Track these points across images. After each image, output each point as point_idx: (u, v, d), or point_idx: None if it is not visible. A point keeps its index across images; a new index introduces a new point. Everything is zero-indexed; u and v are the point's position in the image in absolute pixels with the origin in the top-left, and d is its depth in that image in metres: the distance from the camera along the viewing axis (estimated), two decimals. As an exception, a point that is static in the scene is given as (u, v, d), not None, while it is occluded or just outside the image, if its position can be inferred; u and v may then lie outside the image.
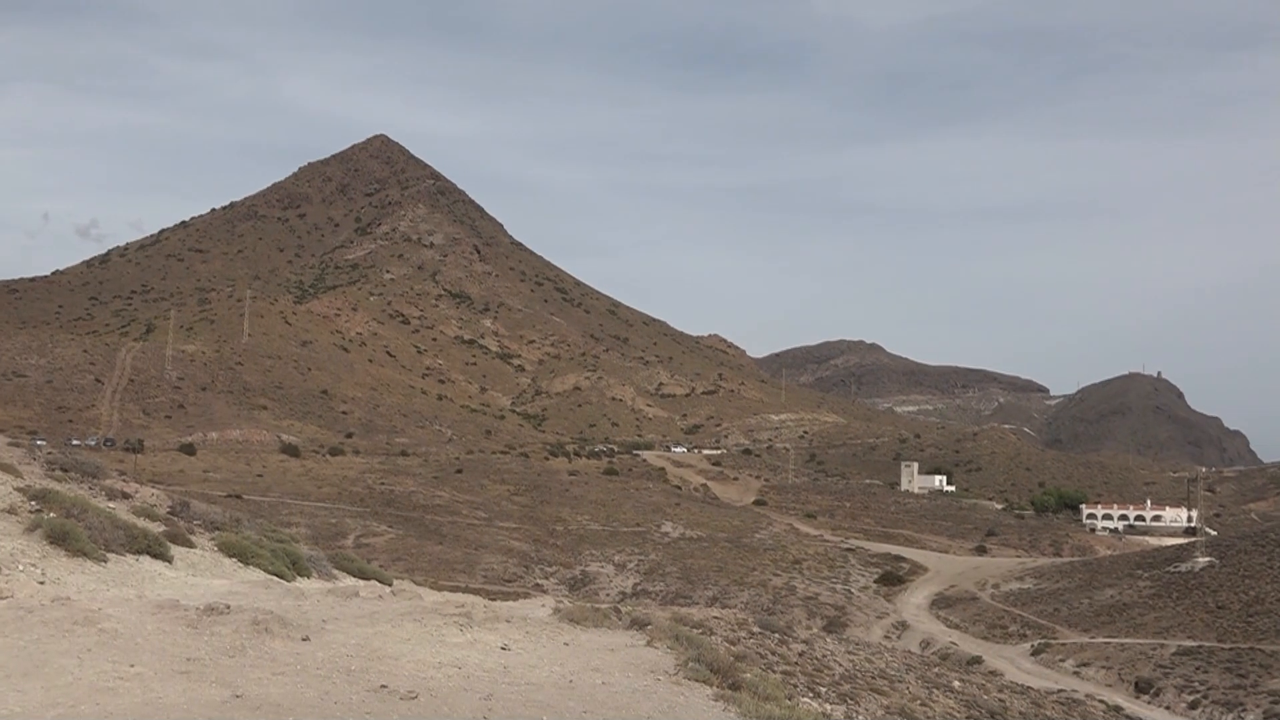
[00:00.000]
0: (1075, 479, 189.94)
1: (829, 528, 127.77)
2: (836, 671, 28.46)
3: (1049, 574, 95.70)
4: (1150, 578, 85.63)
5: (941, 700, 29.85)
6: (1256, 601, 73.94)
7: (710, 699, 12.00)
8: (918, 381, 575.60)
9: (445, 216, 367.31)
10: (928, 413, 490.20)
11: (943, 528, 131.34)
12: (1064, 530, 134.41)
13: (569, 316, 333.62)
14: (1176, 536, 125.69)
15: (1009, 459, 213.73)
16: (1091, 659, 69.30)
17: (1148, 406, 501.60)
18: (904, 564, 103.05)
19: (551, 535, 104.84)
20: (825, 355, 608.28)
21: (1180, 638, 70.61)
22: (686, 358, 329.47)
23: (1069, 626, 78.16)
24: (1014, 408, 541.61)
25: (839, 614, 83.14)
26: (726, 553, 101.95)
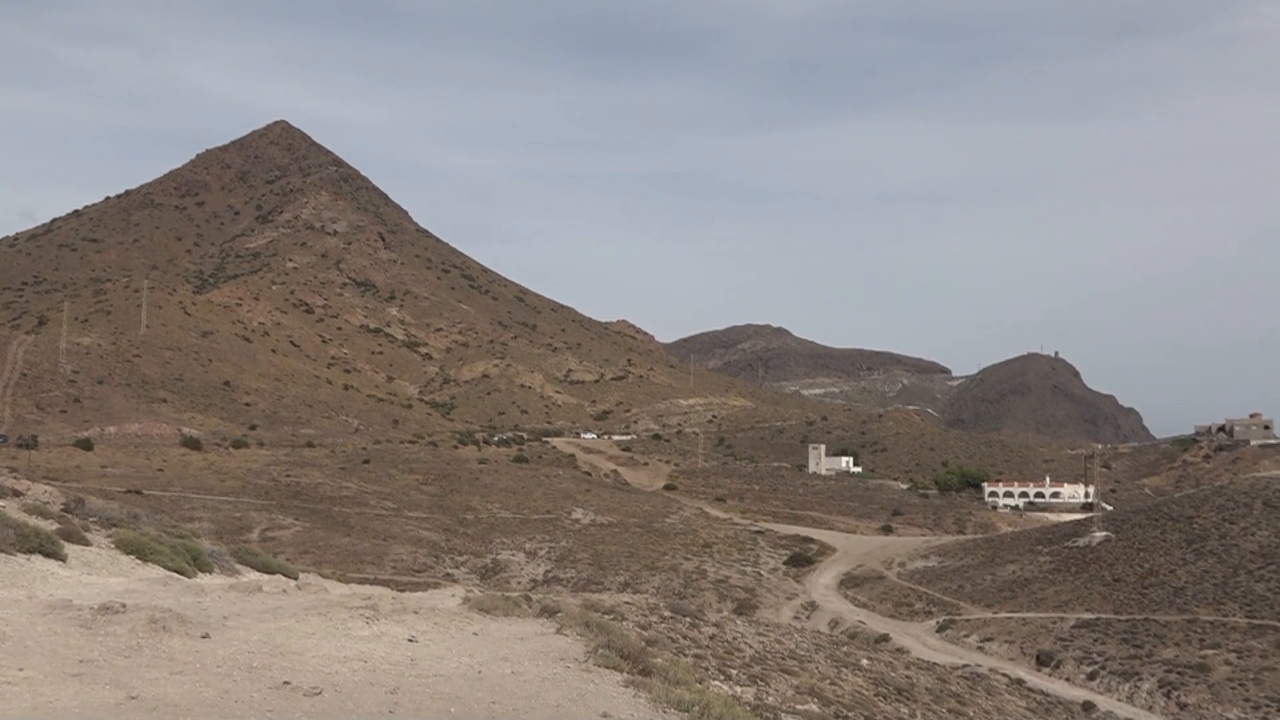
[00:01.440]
0: (977, 458, 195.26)
1: (738, 511, 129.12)
2: (747, 653, 28.69)
3: (953, 552, 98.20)
4: (1050, 553, 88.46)
5: (850, 679, 30.35)
6: (1150, 574, 76.97)
7: (620, 685, 11.91)
8: (824, 365, 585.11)
9: (349, 204, 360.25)
10: (834, 395, 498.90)
11: (850, 508, 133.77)
12: (967, 508, 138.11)
13: (477, 304, 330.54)
14: (1074, 512, 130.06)
15: (913, 439, 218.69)
16: (995, 634, 71.34)
17: (1046, 386, 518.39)
18: (812, 545, 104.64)
19: (462, 524, 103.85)
20: (733, 340, 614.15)
21: (1079, 611, 73.11)
22: (595, 344, 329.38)
23: (973, 603, 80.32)
24: (918, 389, 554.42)
25: (749, 596, 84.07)
26: (637, 538, 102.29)
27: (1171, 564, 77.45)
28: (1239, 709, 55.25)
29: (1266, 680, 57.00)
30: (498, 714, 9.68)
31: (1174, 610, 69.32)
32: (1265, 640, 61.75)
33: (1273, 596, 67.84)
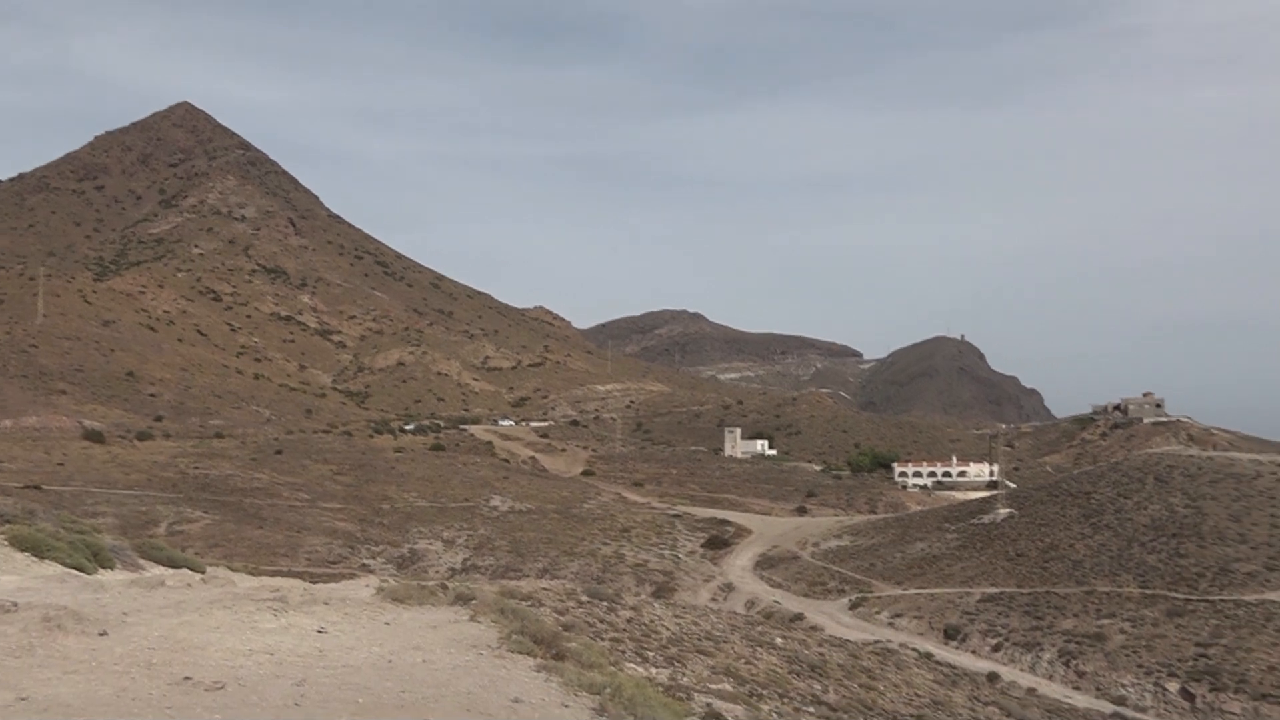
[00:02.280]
0: (888, 439, 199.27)
1: (656, 495, 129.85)
2: (664, 635, 28.98)
3: (865, 531, 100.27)
4: (957, 530, 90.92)
5: (765, 657, 30.87)
6: (1051, 548, 79.65)
7: (533, 670, 11.97)
8: (739, 349, 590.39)
9: (257, 188, 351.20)
10: (749, 379, 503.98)
11: (765, 490, 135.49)
12: (878, 488, 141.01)
13: (391, 291, 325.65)
14: (980, 490, 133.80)
15: (826, 422, 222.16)
16: (905, 609, 73.12)
17: (953, 368, 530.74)
18: (729, 527, 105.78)
19: (378, 514, 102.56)
20: (650, 325, 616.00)
21: (984, 585, 75.35)
22: (512, 331, 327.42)
23: (884, 580, 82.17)
24: (831, 372, 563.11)
25: (667, 579, 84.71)
26: (556, 524, 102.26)
27: (1071, 538, 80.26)
28: (1133, 675, 57.66)
29: (1158, 647, 59.56)
30: (407, 703, 9.65)
31: (1073, 582, 71.92)
32: (1157, 609, 64.48)
33: (1163, 567, 70.84)
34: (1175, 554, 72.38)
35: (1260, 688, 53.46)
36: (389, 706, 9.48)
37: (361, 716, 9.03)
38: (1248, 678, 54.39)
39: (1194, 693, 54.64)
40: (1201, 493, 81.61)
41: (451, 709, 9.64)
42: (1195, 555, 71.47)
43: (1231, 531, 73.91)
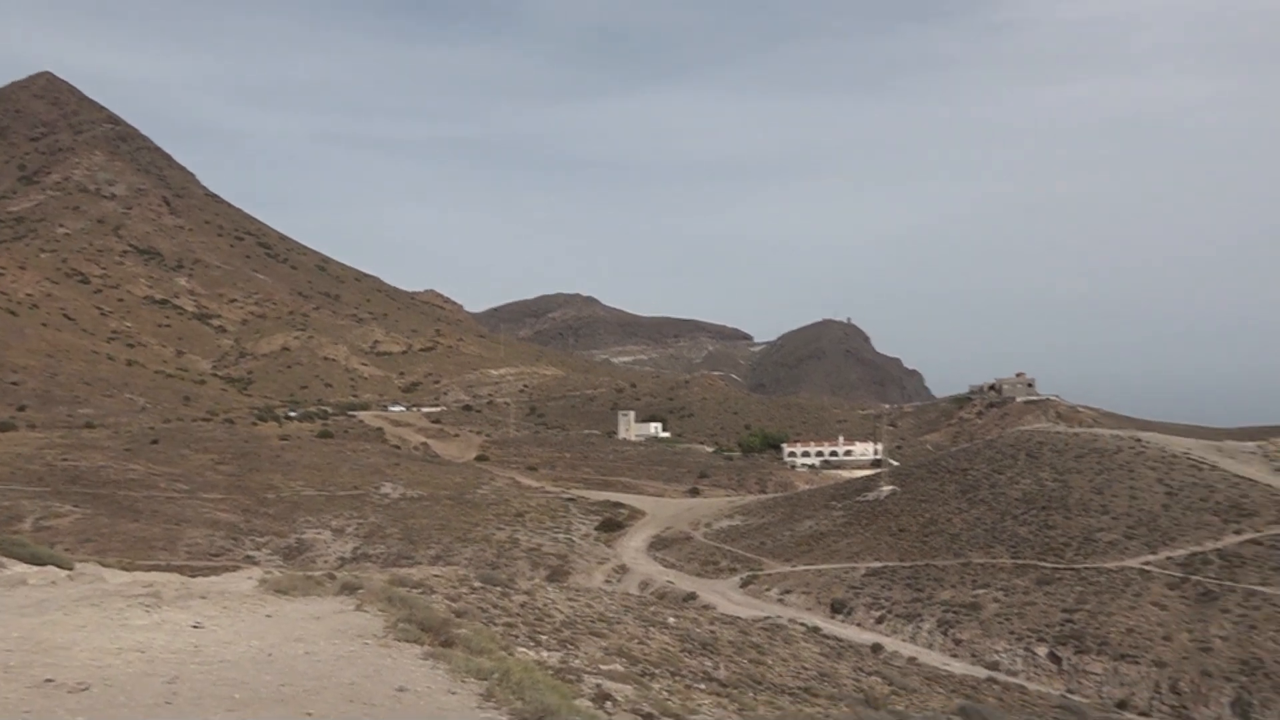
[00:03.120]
0: (777, 420, 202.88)
1: (550, 479, 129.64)
2: (558, 619, 29.06)
3: (755, 510, 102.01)
4: (843, 508, 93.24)
5: (658, 637, 31.22)
6: (931, 523, 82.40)
7: (419, 658, 11.87)
8: (632, 333, 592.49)
9: (127, 165, 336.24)
10: (642, 362, 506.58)
11: (659, 472, 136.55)
12: (768, 469, 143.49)
13: (274, 273, 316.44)
14: (865, 469, 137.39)
15: (718, 404, 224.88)
16: (794, 586, 74.74)
17: (840, 350, 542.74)
18: (623, 510, 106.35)
19: (263, 504, 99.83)
20: (543, 309, 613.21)
21: (869, 560, 77.52)
22: (402, 314, 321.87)
23: (774, 557, 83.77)
24: (722, 355, 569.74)
25: (562, 563, 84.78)
26: (449, 510, 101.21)
27: (949, 513, 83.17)
28: (1005, 641, 60.22)
29: (1028, 614, 62.31)
30: (287, 696, 9.46)
31: (951, 555, 74.60)
32: (1027, 578, 67.42)
33: (1034, 538, 74.05)
34: (1044, 526, 75.69)
35: (1119, 648, 56.46)
36: (267, 701, 9.28)
37: (238, 712, 8.81)
38: (1109, 640, 57.35)
39: (1061, 656, 57.38)
40: (1068, 467, 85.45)
41: (333, 701, 9.49)
42: (1062, 526, 74.88)
43: (1095, 503, 77.64)
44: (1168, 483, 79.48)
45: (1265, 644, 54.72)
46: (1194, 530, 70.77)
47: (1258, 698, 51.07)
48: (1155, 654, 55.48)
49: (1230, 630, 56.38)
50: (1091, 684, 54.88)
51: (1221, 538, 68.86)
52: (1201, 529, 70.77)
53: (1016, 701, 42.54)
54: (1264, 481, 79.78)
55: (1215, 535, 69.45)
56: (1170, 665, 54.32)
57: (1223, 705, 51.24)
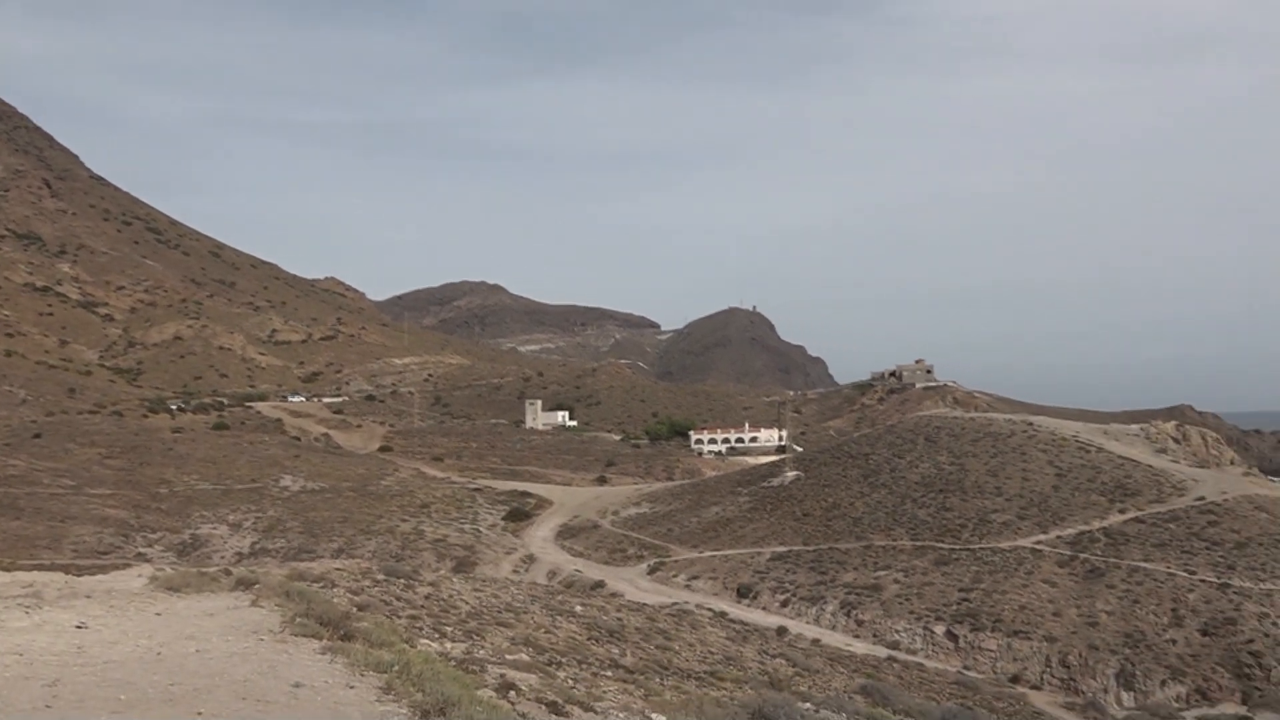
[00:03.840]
0: (684, 408, 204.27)
1: (456, 469, 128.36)
2: (463, 610, 28.77)
3: (662, 497, 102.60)
4: (749, 494, 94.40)
5: (565, 626, 31.16)
6: (834, 507, 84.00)
7: (318, 653, 11.60)
8: (539, 321, 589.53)
9: (4, 145, 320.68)
10: (550, 351, 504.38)
11: (566, 461, 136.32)
12: (675, 456, 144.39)
13: (165, 260, 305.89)
14: (770, 455, 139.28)
15: (625, 392, 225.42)
16: (701, 572, 75.42)
17: (745, 338, 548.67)
18: (530, 499, 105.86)
19: (155, 499, 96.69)
20: (448, 297, 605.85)
21: (774, 545, 78.67)
22: (302, 302, 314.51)
23: (681, 544, 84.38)
24: (629, 343, 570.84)
25: (468, 554, 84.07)
26: (351, 502, 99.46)
27: (851, 497, 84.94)
28: (905, 621, 61.81)
29: (927, 594, 64.07)
30: (176, 696, 9.13)
31: (853, 538, 76.21)
32: (926, 559, 69.30)
33: (932, 520, 76.16)
34: (942, 508, 77.88)
35: (1013, 625, 58.49)
36: (155, 701, 8.95)
37: (123, 714, 8.46)
38: (1002, 617, 59.35)
39: (957, 634, 59.16)
40: (964, 451, 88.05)
41: (225, 699, 9.20)
42: (959, 508, 77.15)
43: (989, 486, 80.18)
44: (1058, 465, 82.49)
45: (1147, 617, 57.27)
46: (1082, 510, 73.62)
47: (1140, 668, 53.45)
48: (1046, 629, 57.58)
49: (1115, 605, 58.84)
50: (986, 660, 56.72)
51: (1107, 517, 71.80)
52: (1089, 509, 73.67)
53: (916, 679, 43.69)
54: (1146, 462, 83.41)
55: (1102, 514, 72.38)
56: (1060, 640, 56.45)
57: (1108, 677, 53.49)
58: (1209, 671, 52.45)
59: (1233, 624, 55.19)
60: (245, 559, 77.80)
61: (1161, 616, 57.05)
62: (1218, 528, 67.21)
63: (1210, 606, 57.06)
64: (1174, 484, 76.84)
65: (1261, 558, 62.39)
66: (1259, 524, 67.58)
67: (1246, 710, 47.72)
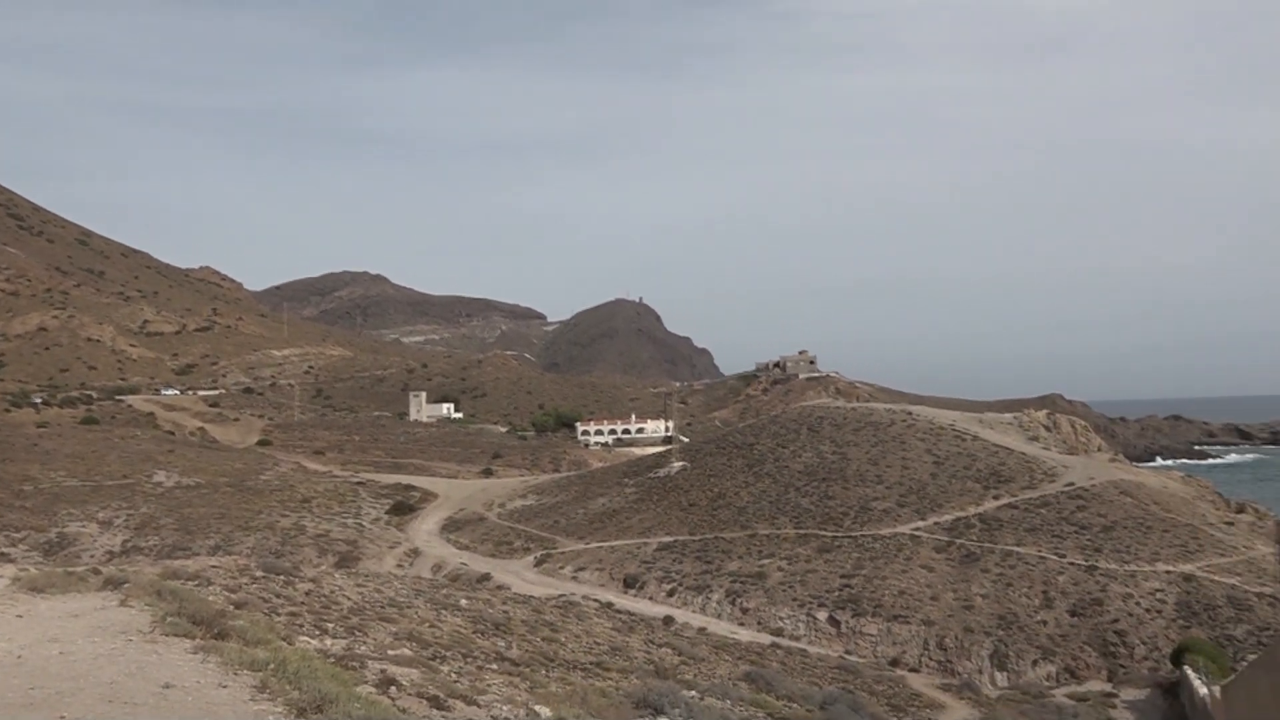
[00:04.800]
0: (571, 399, 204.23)
1: (338, 463, 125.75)
2: (345, 606, 28.18)
3: (549, 489, 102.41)
4: (635, 484, 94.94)
5: (450, 619, 30.82)
6: (719, 497, 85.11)
7: (189, 652, 11.22)
8: (423, 312, 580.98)
9: None
10: (434, 342, 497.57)
11: (451, 454, 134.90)
12: (562, 447, 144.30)
13: (28, 247, 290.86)
14: (656, 446, 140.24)
15: (512, 384, 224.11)
16: (588, 563, 75.55)
17: (632, 329, 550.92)
18: (415, 492, 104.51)
19: (18, 497, 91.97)
20: (329, 287, 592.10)
21: (661, 535, 79.29)
22: (175, 292, 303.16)
23: (568, 535, 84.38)
24: (515, 334, 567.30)
25: (351, 548, 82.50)
26: (229, 498, 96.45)
27: (736, 487, 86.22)
28: (789, 608, 63.11)
29: (810, 581, 65.53)
30: (37, 700, 8.70)
31: (738, 527, 77.40)
32: (809, 547, 70.86)
33: (815, 509, 77.89)
34: (825, 496, 79.72)
35: (892, 610, 60.29)
36: (14, 706, 8.51)
37: (-24, 721, 8.04)
38: (883, 602, 61.12)
39: (839, 619, 60.68)
40: (846, 440, 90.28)
41: (90, 702, 8.80)
42: (841, 497, 79.10)
43: (870, 474, 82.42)
44: (935, 453, 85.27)
45: (1019, 600, 59.73)
46: (958, 496, 76.29)
47: (1013, 649, 55.73)
48: (924, 613, 59.51)
49: (989, 588, 61.19)
50: (867, 644, 58.32)
51: (982, 503, 74.58)
52: (965, 495, 76.39)
53: (799, 665, 44.65)
54: (1019, 450, 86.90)
55: (977, 501, 75.14)
56: (937, 623, 58.41)
57: (983, 658, 55.60)
58: (1077, 651, 55.02)
59: (1099, 604, 57.99)
60: (116, 558, 74.70)
61: (1033, 599, 59.57)
62: (1086, 512, 70.47)
63: (1079, 588, 59.83)
64: (1045, 470, 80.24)
65: (1126, 540, 65.71)
66: (1124, 508, 71.13)
67: (1111, 687, 50.20)
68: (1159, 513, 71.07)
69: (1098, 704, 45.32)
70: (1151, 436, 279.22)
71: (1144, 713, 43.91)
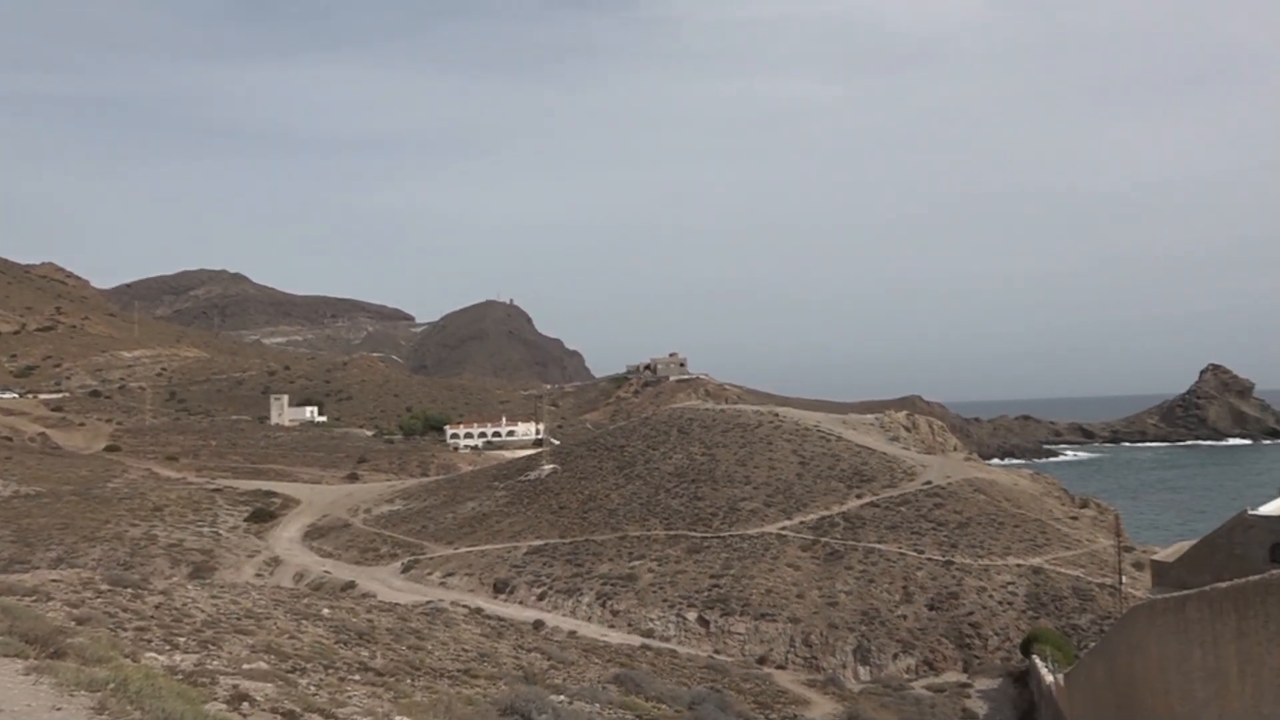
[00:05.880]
0: (440, 402, 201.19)
1: (193, 469, 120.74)
2: (199, 619, 26.92)
3: (417, 494, 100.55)
4: (506, 488, 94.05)
5: (311, 630, 29.78)
6: (590, 499, 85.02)
7: (21, 673, 10.39)
8: (286, 312, 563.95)
9: None
10: (297, 344, 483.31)
11: (315, 459, 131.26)
12: (430, 451, 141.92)
13: None
14: (527, 448, 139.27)
15: (378, 386, 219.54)
16: (457, 568, 74.40)
17: (502, 331, 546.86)
18: (276, 499, 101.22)
19: None
20: (184, 286, 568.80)
21: (531, 539, 78.71)
22: (14, 289, 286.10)
23: (436, 541, 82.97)
24: (383, 336, 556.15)
25: (207, 558, 79.24)
26: (73, 507, 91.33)
27: (607, 489, 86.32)
28: (659, 609, 63.44)
29: (680, 581, 66.04)
30: None
31: (609, 530, 77.47)
32: (679, 548, 71.44)
33: (685, 510, 78.61)
34: (694, 497, 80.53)
35: (760, 608, 61.27)
36: None
37: None
38: (750, 601, 62.04)
39: (709, 619, 61.32)
40: (715, 441, 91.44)
41: (-102, 734, 8.00)
42: (710, 498, 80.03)
43: (739, 475, 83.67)
44: (801, 454, 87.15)
45: (880, 595, 61.47)
46: (823, 496, 78.13)
47: (874, 643, 57.30)
48: (790, 611, 60.64)
49: (853, 585, 62.78)
50: (736, 643, 59.07)
51: (846, 502, 76.55)
52: (829, 495, 78.27)
53: (668, 665, 44.83)
54: (880, 450, 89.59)
55: (841, 500, 77.08)
56: (803, 620, 59.61)
57: (846, 653, 57.00)
58: (935, 643, 56.92)
59: (955, 598, 60.16)
60: (-57, 573, 69.78)
61: (894, 594, 61.39)
62: (943, 509, 73.06)
63: (936, 583, 61.94)
64: (905, 469, 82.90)
65: (980, 536, 68.40)
66: (978, 505, 74.05)
67: (966, 677, 52.11)
68: (1010, 509, 74.25)
69: (954, 694, 46.99)
70: (1004, 436, 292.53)
71: (996, 701, 45.71)
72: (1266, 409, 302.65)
